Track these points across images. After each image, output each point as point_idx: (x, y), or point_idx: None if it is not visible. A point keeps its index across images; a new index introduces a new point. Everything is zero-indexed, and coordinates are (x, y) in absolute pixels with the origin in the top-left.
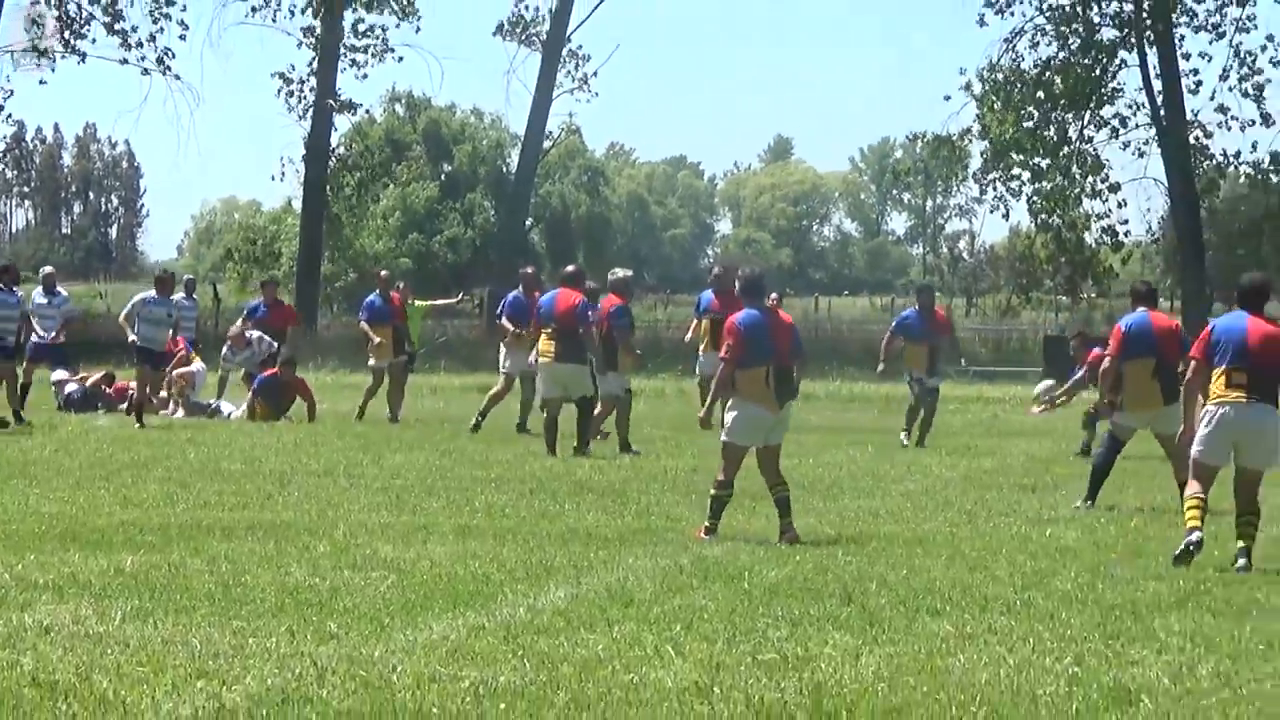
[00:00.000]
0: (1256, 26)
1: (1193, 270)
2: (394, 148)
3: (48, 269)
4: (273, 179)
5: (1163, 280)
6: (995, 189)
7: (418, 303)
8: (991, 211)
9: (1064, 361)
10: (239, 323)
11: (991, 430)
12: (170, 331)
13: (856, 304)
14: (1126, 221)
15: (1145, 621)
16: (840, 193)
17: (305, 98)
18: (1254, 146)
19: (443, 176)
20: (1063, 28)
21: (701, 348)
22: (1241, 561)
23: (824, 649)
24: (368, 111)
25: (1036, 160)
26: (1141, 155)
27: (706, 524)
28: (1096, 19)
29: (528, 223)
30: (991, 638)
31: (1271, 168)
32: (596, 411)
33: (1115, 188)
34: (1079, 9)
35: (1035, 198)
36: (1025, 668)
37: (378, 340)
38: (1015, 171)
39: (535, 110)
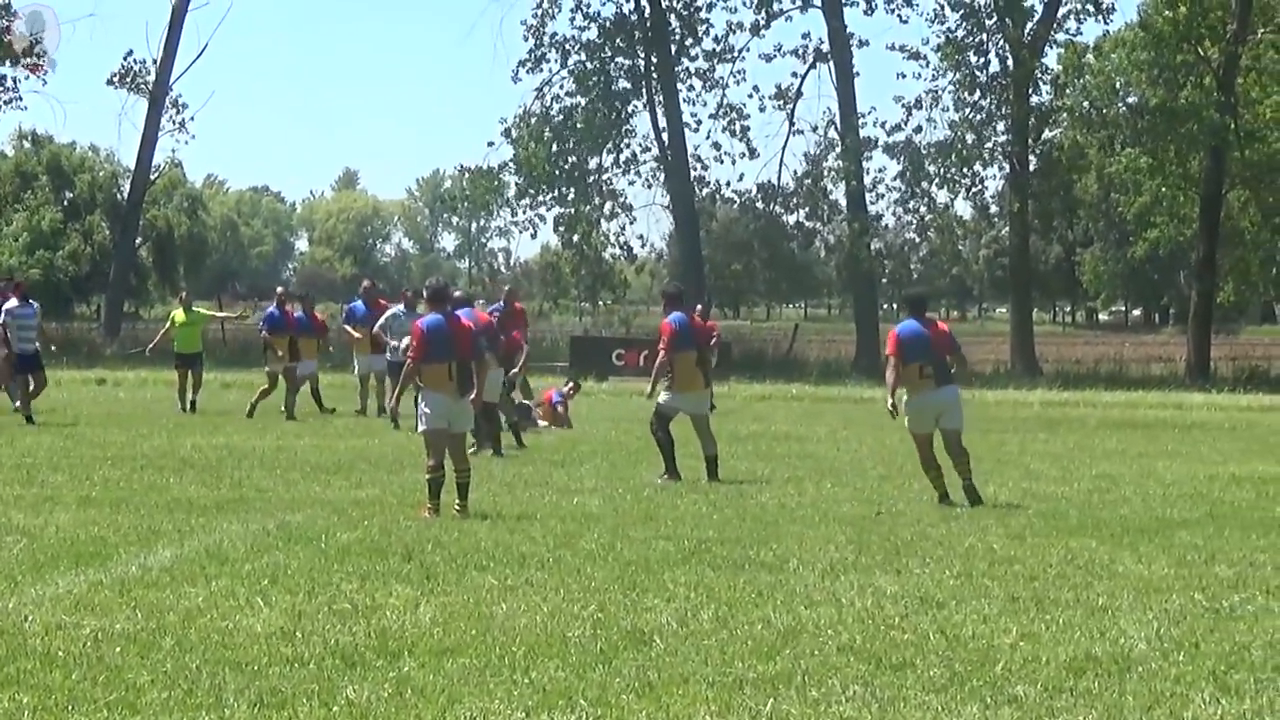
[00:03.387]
0: (746, 78)
1: (694, 280)
2: (22, 178)
3: None
4: None
5: None
6: (526, 213)
7: (201, 310)
8: (521, 232)
9: (591, 358)
10: None
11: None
12: None
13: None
14: (642, 237)
15: (657, 575)
16: (399, 216)
17: None
18: (741, 177)
19: (65, 202)
20: (584, 82)
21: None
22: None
23: (389, 599)
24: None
25: (561, 189)
26: (650, 186)
27: (429, 505)
28: (612, 71)
29: (138, 241)
30: (529, 589)
31: (758, 195)
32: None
33: (629, 208)
34: (598, 63)
35: (560, 221)
36: (557, 614)
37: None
38: (542, 199)
39: (143, 147)
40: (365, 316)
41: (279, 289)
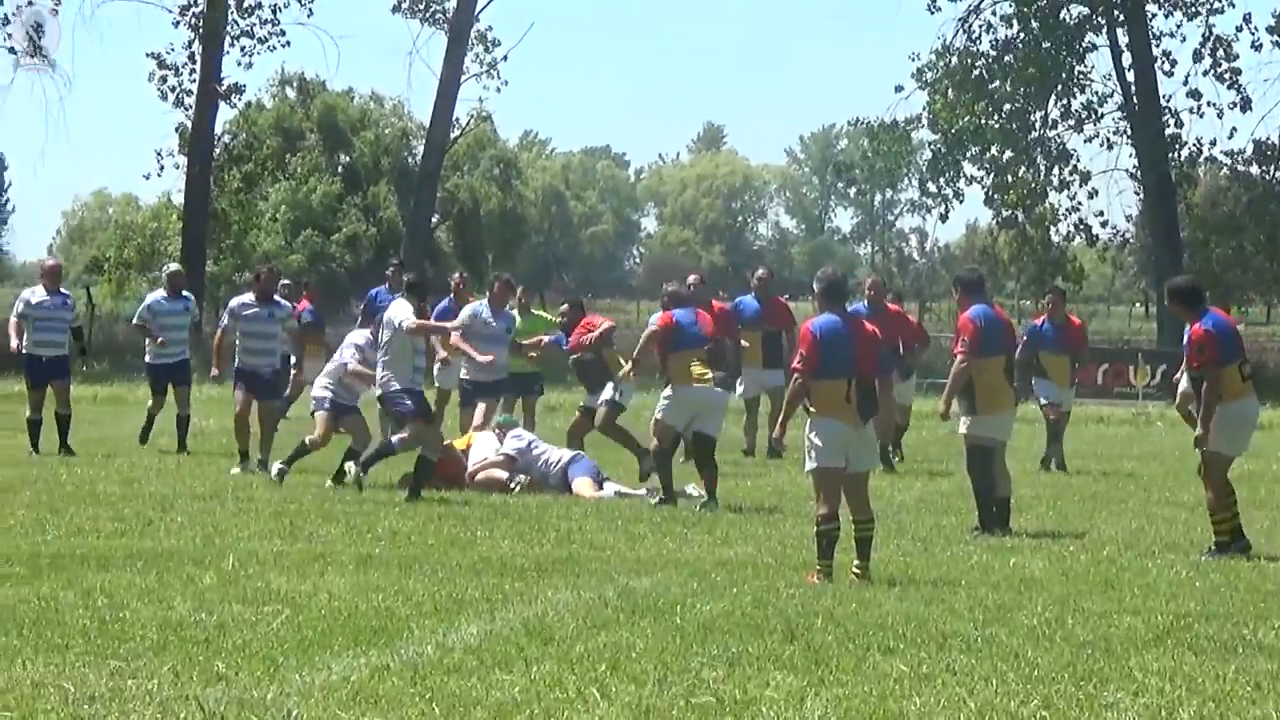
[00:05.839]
0: (1233, 4)
1: (1169, 270)
2: (285, 136)
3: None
4: (147, 177)
5: (1137, 281)
6: (939, 187)
7: (544, 314)
8: (929, 211)
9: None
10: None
11: (950, 448)
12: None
13: (798, 308)
14: (1102, 214)
15: (1120, 660)
16: (778, 186)
17: (182, 82)
18: (1231, 134)
19: (340, 168)
20: (1024, 7)
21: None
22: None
23: (765, 691)
24: (252, 101)
25: (994, 152)
26: (1111, 146)
27: (818, 566)
28: None
29: (435, 219)
30: (950, 678)
31: (1253, 158)
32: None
33: (1085, 177)
34: None
35: (995, 192)
36: (988, 712)
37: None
38: (965, 168)
39: (441, 96)
40: (758, 316)
41: (872, 277)
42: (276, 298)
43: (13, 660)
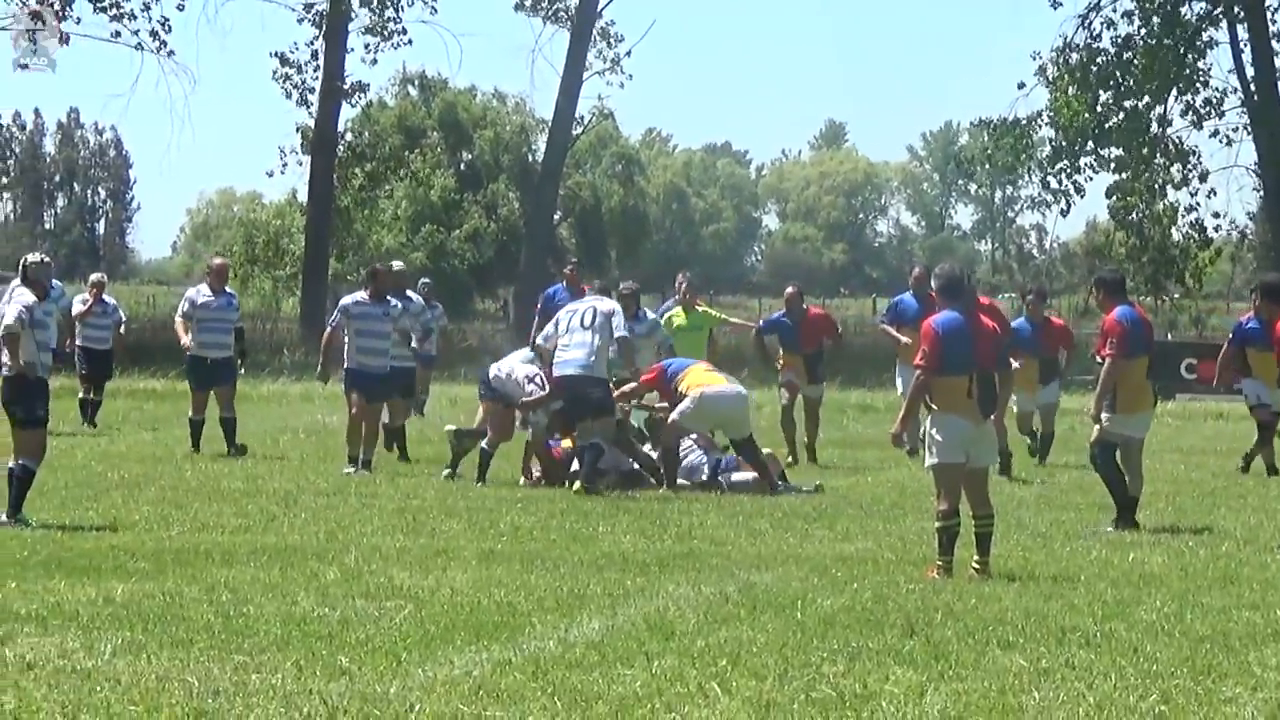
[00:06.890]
0: None
1: None
2: (407, 134)
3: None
4: (270, 175)
5: (1256, 277)
6: (1060, 182)
7: (706, 309)
8: (1049, 206)
9: (1155, 368)
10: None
11: (1069, 445)
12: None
13: None
14: (1219, 215)
15: (1239, 655)
16: (899, 183)
17: (305, 80)
18: None
19: (461, 165)
20: (1145, 3)
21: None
22: None
23: (885, 685)
24: (374, 100)
25: (1113, 149)
26: (1230, 144)
27: (938, 562)
28: None
29: (557, 216)
30: (1069, 673)
31: None
32: None
33: (1204, 176)
34: None
35: (1115, 190)
36: (1107, 706)
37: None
38: (1082, 163)
39: (563, 93)
40: (919, 314)
41: (917, 266)
42: (389, 298)
43: (138, 655)
